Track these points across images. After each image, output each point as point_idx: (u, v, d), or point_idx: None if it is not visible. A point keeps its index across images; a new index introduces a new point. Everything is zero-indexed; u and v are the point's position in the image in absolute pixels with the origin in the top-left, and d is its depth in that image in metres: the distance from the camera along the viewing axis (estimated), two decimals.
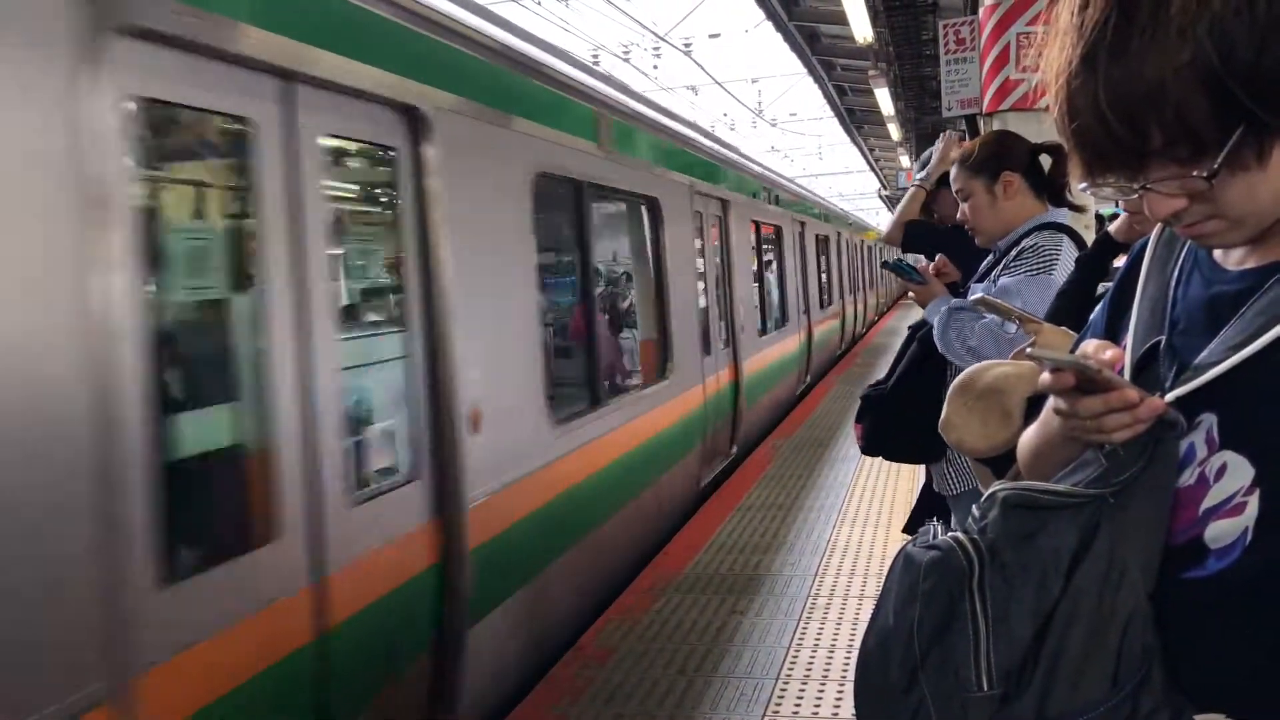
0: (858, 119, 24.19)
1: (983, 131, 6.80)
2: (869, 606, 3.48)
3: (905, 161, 24.74)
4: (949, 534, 1.06)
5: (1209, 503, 0.97)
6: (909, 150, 22.55)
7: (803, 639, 4.31)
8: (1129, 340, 1.11)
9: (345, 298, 3.31)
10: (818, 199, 17.80)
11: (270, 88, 2.71)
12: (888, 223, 3.92)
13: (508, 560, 3.87)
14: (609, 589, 5.11)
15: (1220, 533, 0.95)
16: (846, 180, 55.75)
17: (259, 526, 2.62)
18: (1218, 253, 1.06)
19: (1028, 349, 1.81)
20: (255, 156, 2.66)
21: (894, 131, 19.84)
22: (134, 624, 2.11)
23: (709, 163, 8.16)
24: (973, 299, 2.49)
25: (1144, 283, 1.13)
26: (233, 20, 2.54)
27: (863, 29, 11.48)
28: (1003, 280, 2.70)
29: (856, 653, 1.12)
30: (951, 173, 2.96)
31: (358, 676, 2.93)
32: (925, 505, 3.24)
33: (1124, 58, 0.90)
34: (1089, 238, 2.80)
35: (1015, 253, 2.74)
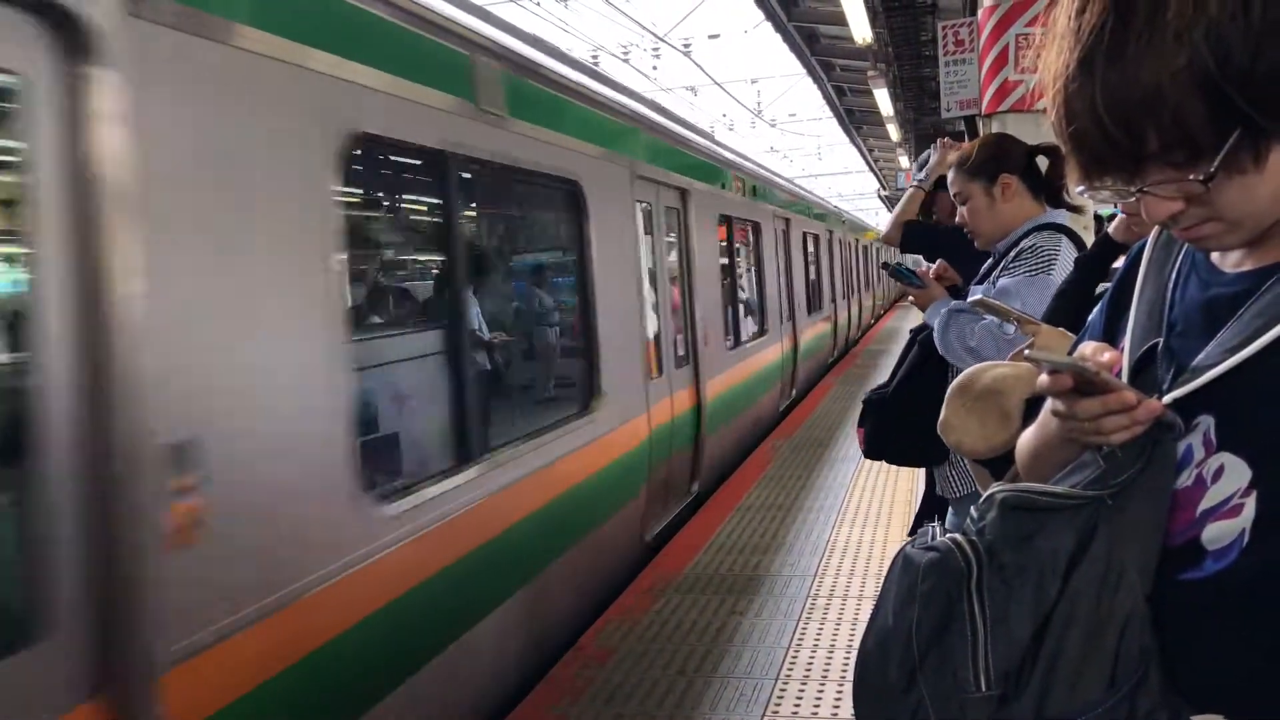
0: (857, 119, 24.19)
1: (982, 132, 6.82)
2: (868, 607, 3.49)
3: (904, 162, 24.68)
4: (947, 535, 1.06)
5: (1206, 504, 0.97)
6: (908, 151, 22.55)
7: (802, 639, 4.31)
8: (1127, 342, 1.11)
9: None
10: (807, 194, 16.56)
11: None
12: (887, 223, 3.92)
13: None
14: None
15: (1218, 534, 0.96)
16: (846, 180, 55.98)
17: None
18: (1215, 255, 1.06)
19: (1026, 351, 1.82)
20: None
21: (893, 132, 19.86)
22: None
23: (659, 142, 6.68)
24: (971, 300, 2.50)
25: (1141, 285, 1.13)
26: None
27: (862, 30, 11.50)
28: (1001, 281, 2.70)
29: (855, 653, 1.12)
30: (949, 176, 2.96)
31: None
32: (928, 509, 3.25)
33: (1120, 62, 0.90)
34: (1088, 239, 2.81)
35: (1014, 254, 2.75)
